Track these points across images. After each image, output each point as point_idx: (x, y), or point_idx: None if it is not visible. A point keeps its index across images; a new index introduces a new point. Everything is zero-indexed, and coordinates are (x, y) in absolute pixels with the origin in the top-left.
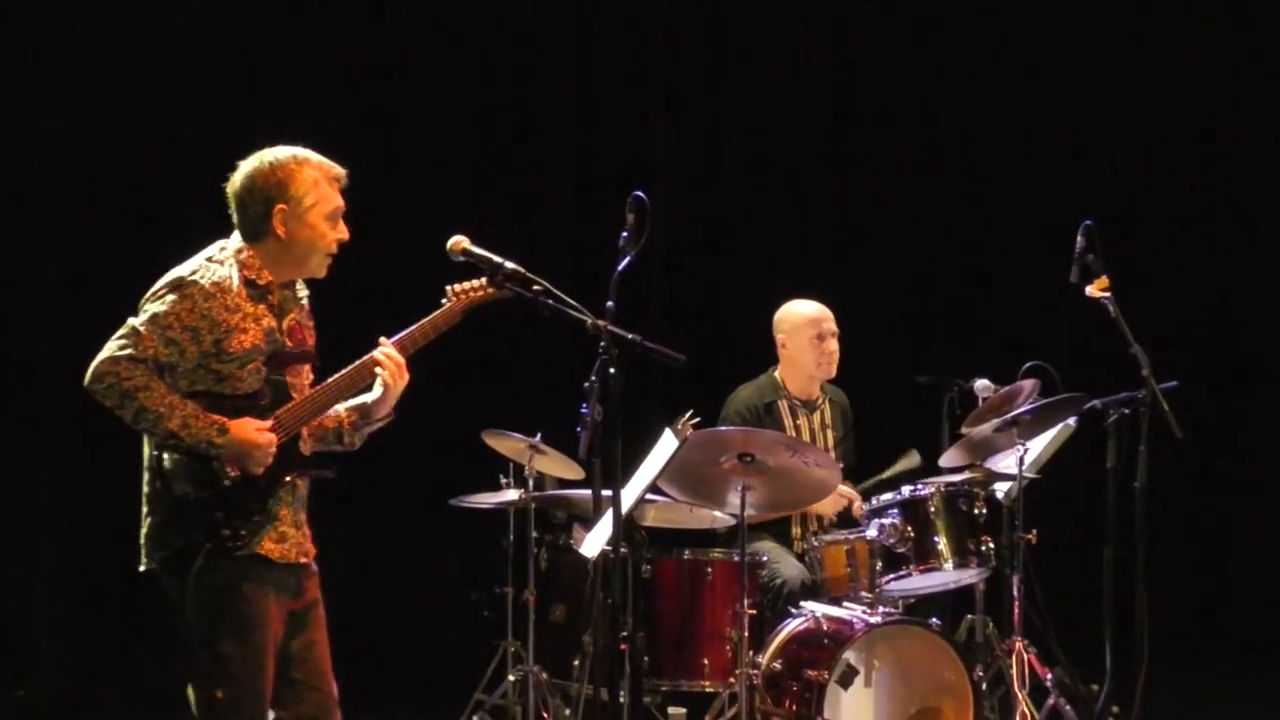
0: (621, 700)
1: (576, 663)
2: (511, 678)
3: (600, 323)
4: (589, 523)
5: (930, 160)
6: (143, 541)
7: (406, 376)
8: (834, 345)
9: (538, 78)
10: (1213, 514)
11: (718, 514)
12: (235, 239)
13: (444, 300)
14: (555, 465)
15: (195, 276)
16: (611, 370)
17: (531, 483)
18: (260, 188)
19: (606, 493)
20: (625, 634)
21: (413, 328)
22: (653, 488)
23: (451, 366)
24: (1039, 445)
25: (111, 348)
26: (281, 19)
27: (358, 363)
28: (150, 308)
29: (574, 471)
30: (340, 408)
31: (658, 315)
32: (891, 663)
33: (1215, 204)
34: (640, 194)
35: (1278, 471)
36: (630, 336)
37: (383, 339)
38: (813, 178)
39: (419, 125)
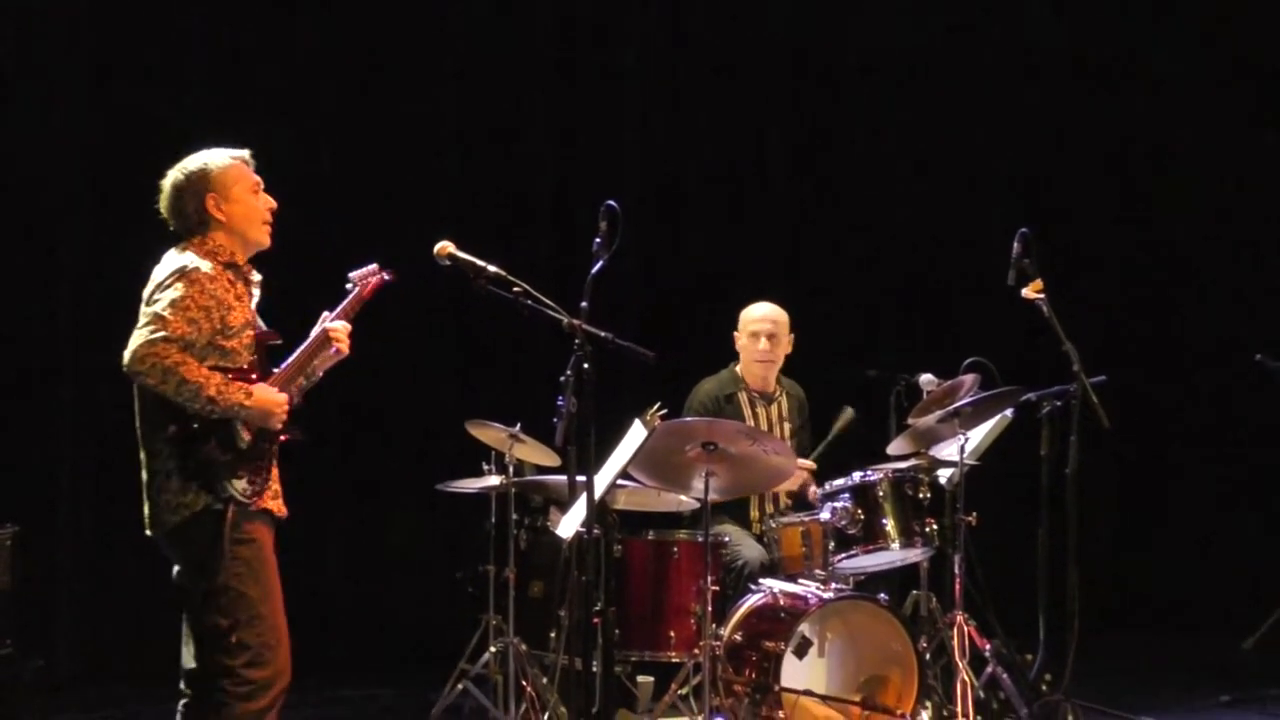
0: (594, 669)
1: (553, 635)
2: (493, 649)
3: (575, 321)
4: (564, 506)
5: (882, 176)
6: (156, 509)
7: (350, 332)
8: (767, 345)
9: (520, 97)
10: (1137, 497)
11: (683, 498)
12: (180, 247)
13: (350, 286)
14: (533, 453)
15: (195, 264)
16: (585, 365)
17: (512, 469)
18: (187, 190)
19: (581, 478)
20: (598, 608)
21: (344, 305)
22: (623, 474)
23: (437, 363)
24: (979, 434)
25: (143, 334)
26: (283, 28)
27: (315, 336)
28: (165, 295)
29: (551, 459)
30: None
31: (628, 315)
32: (843, 635)
33: (1140, 217)
34: (612, 203)
35: (1196, 458)
36: (603, 334)
37: (326, 313)
38: (773, 190)
39: (410, 140)
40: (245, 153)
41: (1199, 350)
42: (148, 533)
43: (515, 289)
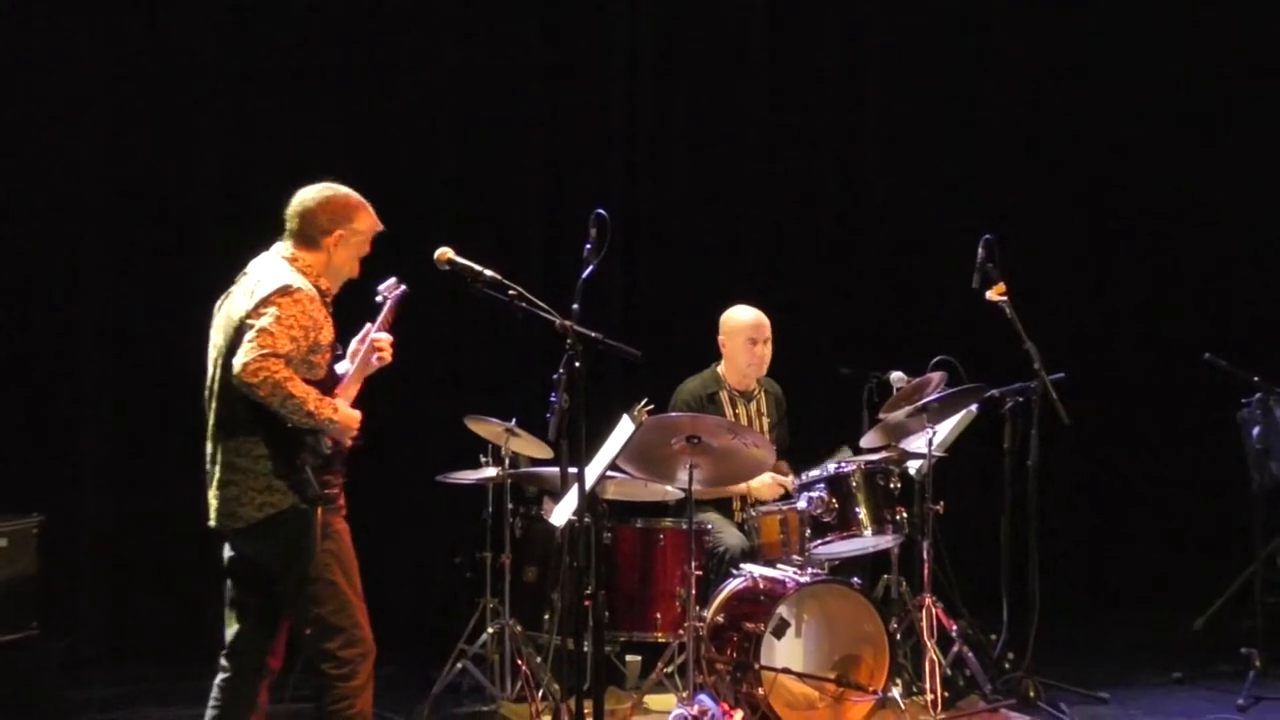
0: (585, 649)
1: (546, 617)
2: (490, 630)
3: (567, 323)
4: (557, 496)
5: (854, 188)
6: (231, 504)
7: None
8: (764, 350)
9: (513, 110)
10: (1095, 487)
11: (669, 488)
12: (284, 246)
13: (380, 299)
14: (528, 446)
15: (299, 284)
16: (576, 364)
17: (507, 461)
18: (331, 210)
19: (572, 470)
20: (589, 592)
21: (381, 316)
22: (612, 465)
23: (438, 362)
24: (945, 428)
25: (252, 350)
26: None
27: (364, 350)
28: (270, 312)
29: (544, 451)
30: None
31: (617, 316)
32: (819, 616)
33: (1097, 223)
34: (602, 211)
35: (1151, 451)
36: (593, 335)
37: (369, 325)
38: (752, 198)
39: (410, 152)
40: (380, 227)
41: (1151, 348)
42: (211, 524)
43: (511, 292)
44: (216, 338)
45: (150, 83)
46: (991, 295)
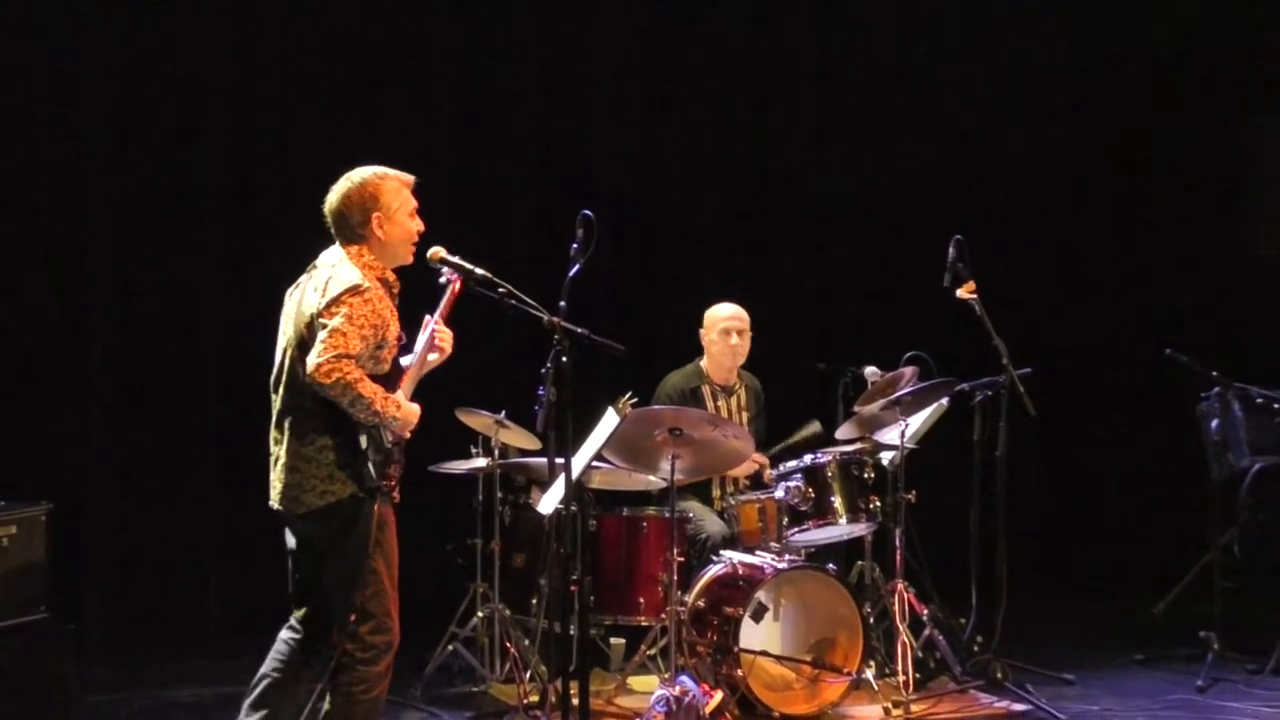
0: (571, 632)
1: (534, 601)
2: (480, 614)
3: (554, 319)
4: (544, 485)
5: (831, 188)
6: (295, 489)
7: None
8: (738, 340)
9: (506, 112)
10: (1061, 478)
11: (652, 478)
12: (337, 251)
13: (445, 280)
14: (517, 437)
15: (366, 283)
16: (563, 358)
17: (497, 452)
18: (357, 202)
19: (559, 460)
20: (575, 577)
21: (441, 308)
22: (598, 456)
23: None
24: (918, 421)
25: (326, 351)
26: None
27: (425, 341)
28: (341, 311)
29: (532, 443)
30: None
31: (603, 313)
32: (795, 601)
33: (1064, 220)
34: (588, 212)
35: (1115, 442)
36: (579, 330)
37: (428, 316)
38: (734, 199)
39: (405, 152)
40: (411, 178)
41: (1115, 345)
42: (275, 507)
43: (501, 290)
44: (286, 328)
45: (158, 79)
46: (962, 293)
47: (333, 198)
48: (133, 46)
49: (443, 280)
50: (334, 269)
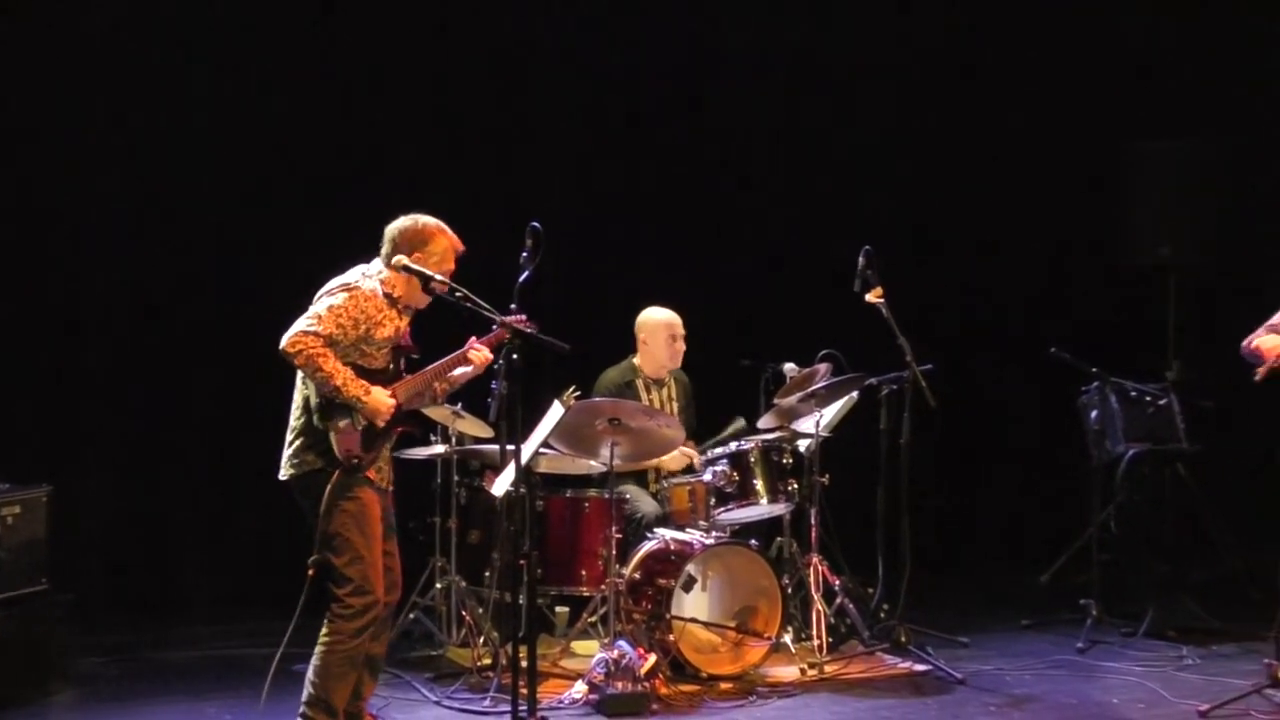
0: (521, 602)
1: (487, 574)
2: (439, 585)
3: (506, 320)
4: (497, 469)
5: (755, 200)
6: (286, 460)
7: (490, 358)
8: (681, 345)
9: (462, 134)
10: (959, 462)
11: (593, 463)
12: (377, 263)
13: (494, 327)
14: (472, 427)
15: (359, 284)
16: (514, 356)
17: (454, 440)
18: (409, 237)
19: (510, 447)
20: (524, 552)
21: (488, 337)
22: (544, 444)
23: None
24: (831, 412)
25: (302, 324)
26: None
27: (455, 355)
28: (327, 300)
29: (486, 431)
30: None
31: (549, 314)
32: (721, 573)
33: (957, 240)
34: (536, 223)
35: (1006, 430)
36: (528, 331)
37: (473, 338)
38: (666, 212)
39: (365, 163)
40: (462, 248)
41: (1006, 344)
42: (280, 476)
43: (457, 294)
44: None
45: (155, 71)
46: (870, 298)
47: (394, 225)
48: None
49: (494, 325)
50: (352, 270)
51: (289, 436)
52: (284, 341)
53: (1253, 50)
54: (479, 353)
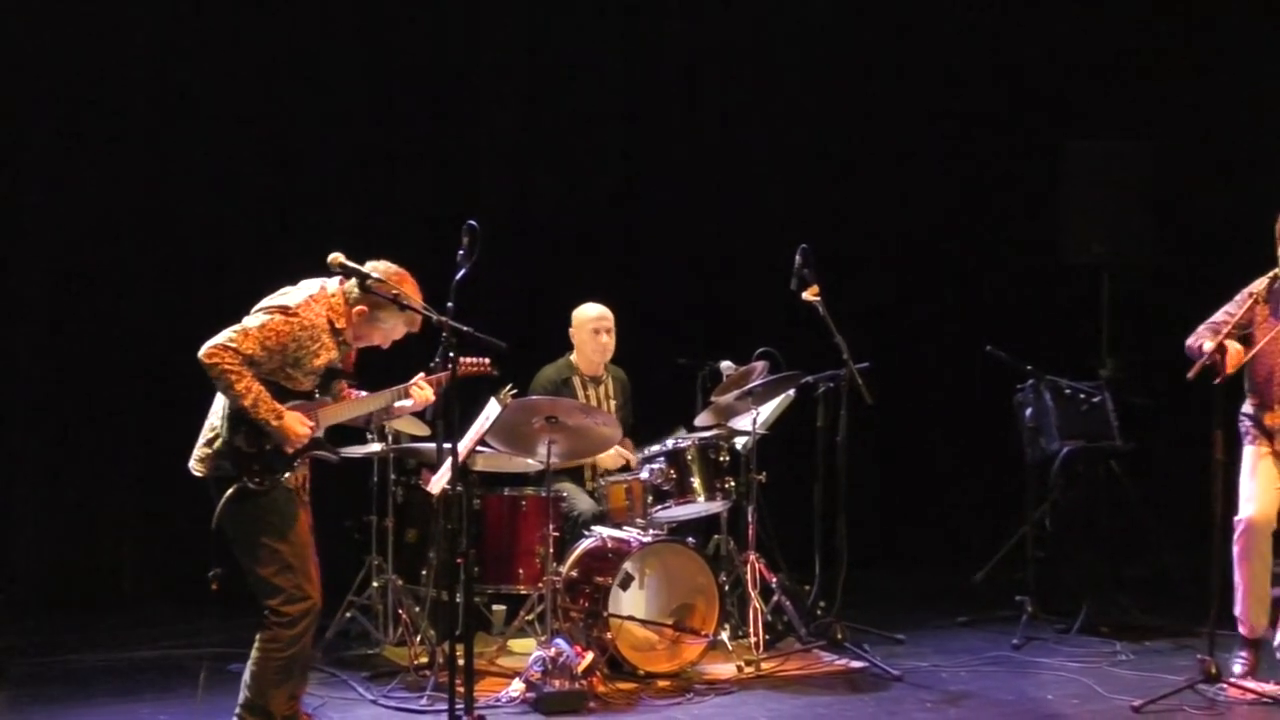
0: (458, 600)
1: (424, 572)
2: (375, 584)
3: (442, 318)
4: (434, 468)
5: (691, 201)
6: (203, 457)
7: (433, 399)
8: (607, 339)
9: (398, 132)
10: (894, 459)
11: (530, 461)
12: (334, 285)
13: (450, 367)
14: (408, 425)
15: (300, 310)
16: (451, 354)
17: (390, 438)
18: (373, 276)
19: (447, 445)
20: (461, 551)
21: (438, 375)
22: (481, 442)
23: None
24: (768, 409)
25: (223, 337)
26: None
27: (395, 388)
28: (260, 318)
29: (423, 430)
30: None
31: (485, 312)
32: (659, 571)
33: (894, 238)
34: (473, 222)
35: (941, 428)
36: (465, 329)
37: (421, 375)
38: (604, 212)
39: (308, 165)
40: (419, 321)
41: (942, 342)
42: (191, 469)
43: (394, 292)
44: None
45: (105, 75)
46: (807, 296)
47: (376, 263)
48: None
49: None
50: (298, 288)
51: (207, 434)
52: (202, 351)
53: (1188, 52)
54: (422, 390)
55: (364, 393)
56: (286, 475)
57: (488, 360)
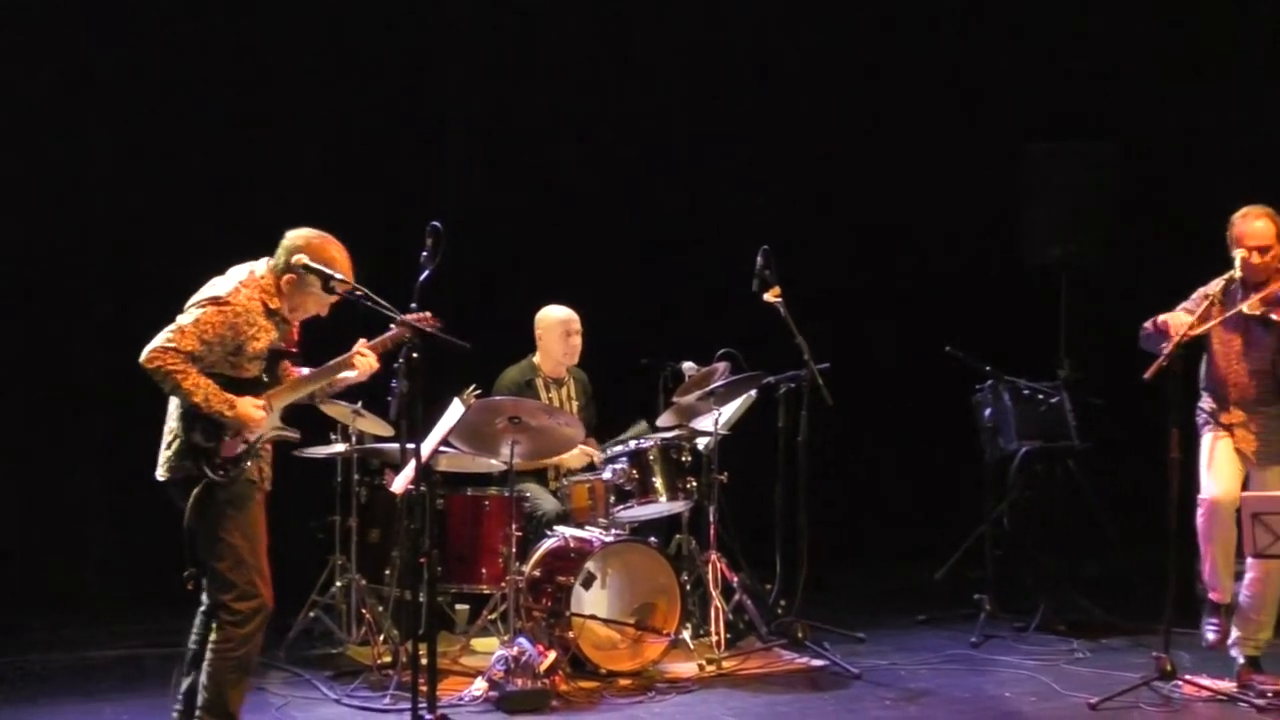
0: (421, 599)
1: (387, 572)
2: (339, 583)
3: (405, 318)
4: (397, 468)
5: (653, 199)
6: (165, 461)
7: (377, 366)
8: (576, 340)
9: (361, 131)
10: (855, 459)
11: (493, 461)
12: (263, 266)
13: (391, 326)
14: (372, 425)
15: (231, 298)
16: (414, 354)
17: (354, 438)
18: (295, 250)
19: (410, 445)
20: (424, 550)
21: (379, 339)
22: (445, 442)
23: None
24: (729, 410)
25: (161, 339)
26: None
27: (338, 360)
28: (193, 313)
29: (386, 430)
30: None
31: (449, 313)
32: (621, 570)
33: (856, 241)
34: (436, 223)
35: (901, 428)
36: (428, 329)
37: (362, 341)
38: (566, 215)
39: (270, 166)
40: (350, 283)
41: (903, 342)
42: (158, 477)
43: (357, 293)
44: None
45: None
46: (768, 297)
47: (293, 233)
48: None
49: (391, 326)
50: (226, 277)
51: (167, 438)
52: (142, 356)
53: (1143, 54)
54: (365, 358)
55: (307, 370)
56: (248, 464)
57: (429, 314)
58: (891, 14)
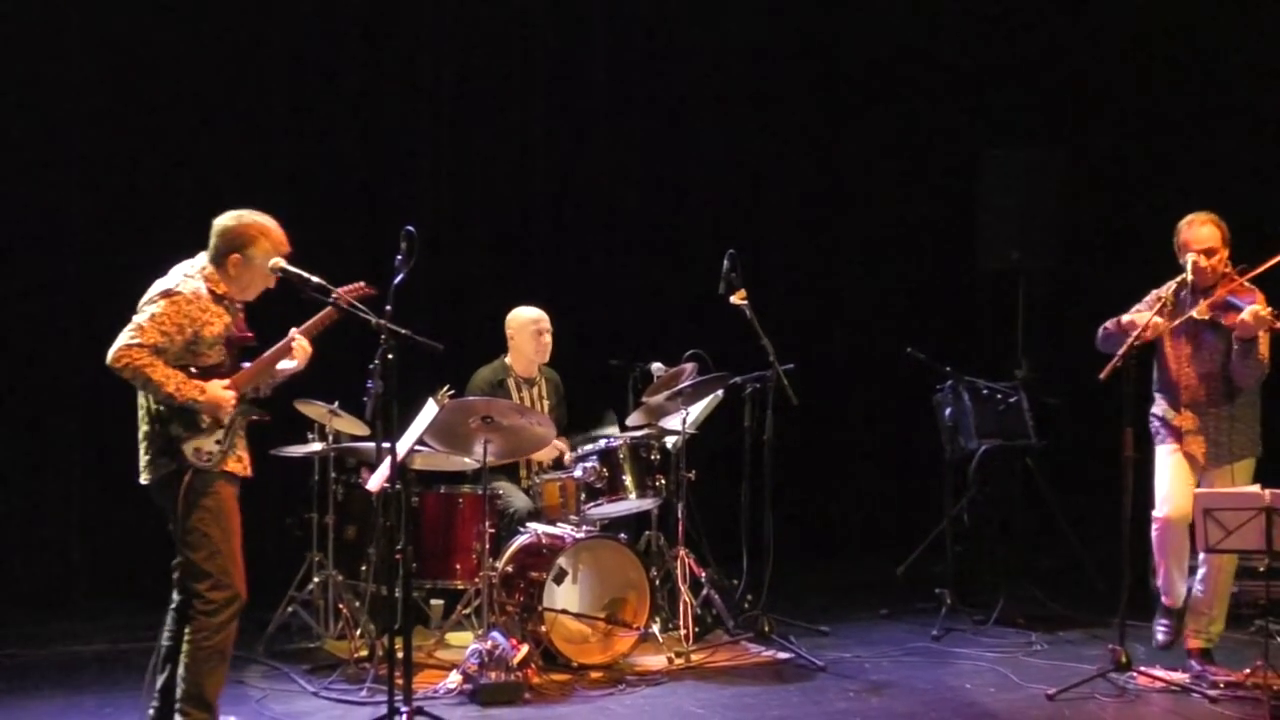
0: (396, 595)
1: (364, 568)
2: (316, 579)
3: (381, 321)
4: (373, 466)
5: (624, 203)
6: (144, 466)
7: (310, 351)
8: (547, 339)
9: (330, 132)
10: (819, 457)
11: (467, 460)
12: (202, 258)
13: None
14: (348, 425)
15: (179, 288)
16: (389, 355)
17: (331, 437)
18: (230, 236)
19: (385, 444)
20: (399, 547)
21: (310, 322)
22: (419, 441)
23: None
24: (697, 410)
25: (124, 338)
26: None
27: (278, 346)
28: (148, 309)
29: (362, 429)
30: None
31: (423, 315)
32: (592, 566)
33: (820, 244)
34: (410, 228)
35: (864, 427)
36: (402, 331)
37: (294, 330)
38: (538, 220)
39: (243, 174)
40: (288, 249)
41: (865, 344)
42: (141, 481)
43: (333, 295)
44: None
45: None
46: (734, 300)
47: (220, 219)
48: None
49: (330, 299)
50: (168, 275)
51: (142, 442)
52: (109, 357)
53: (1101, 60)
54: (299, 344)
55: (248, 364)
56: (227, 450)
57: (362, 283)
58: (847, 17)
